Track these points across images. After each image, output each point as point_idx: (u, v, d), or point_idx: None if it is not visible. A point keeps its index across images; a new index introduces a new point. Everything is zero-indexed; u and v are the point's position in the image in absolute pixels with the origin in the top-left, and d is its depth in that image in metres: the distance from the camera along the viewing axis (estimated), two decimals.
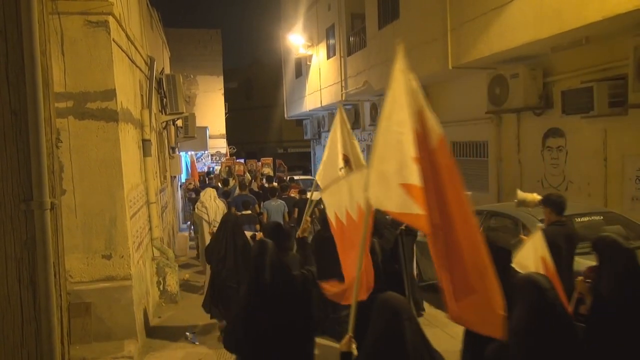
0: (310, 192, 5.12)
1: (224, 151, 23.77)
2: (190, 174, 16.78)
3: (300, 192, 9.92)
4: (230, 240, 5.41)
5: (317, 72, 17.36)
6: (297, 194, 9.98)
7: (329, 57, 16.36)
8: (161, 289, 7.19)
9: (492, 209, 6.62)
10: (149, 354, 5.51)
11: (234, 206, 8.81)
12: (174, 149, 12.61)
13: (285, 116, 22.63)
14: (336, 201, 3.55)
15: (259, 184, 13.30)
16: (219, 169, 19.08)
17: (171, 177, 12.18)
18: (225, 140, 24.28)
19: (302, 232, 4.04)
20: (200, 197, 8.46)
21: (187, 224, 14.04)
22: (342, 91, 15.03)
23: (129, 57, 6.31)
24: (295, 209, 9.10)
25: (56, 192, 2.84)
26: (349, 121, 15.68)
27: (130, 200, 5.64)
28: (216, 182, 14.43)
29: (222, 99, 24.07)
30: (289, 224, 8.60)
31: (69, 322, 3.07)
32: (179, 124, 13.13)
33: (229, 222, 5.56)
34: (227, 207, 8.41)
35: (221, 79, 24.24)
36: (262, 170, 17.20)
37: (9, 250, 2.66)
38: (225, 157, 21.84)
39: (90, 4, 4.99)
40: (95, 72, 5.10)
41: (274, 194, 9.14)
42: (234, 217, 6.24)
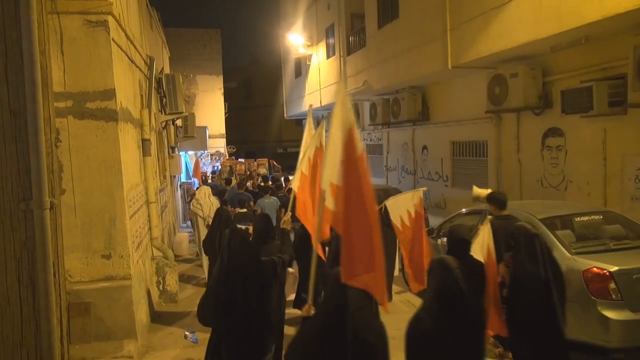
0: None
1: (224, 151, 23.78)
2: (193, 174, 16.89)
3: None
4: (223, 232, 5.51)
5: (316, 71, 17.37)
6: None
7: (328, 57, 16.36)
8: (161, 288, 7.19)
9: None
10: (149, 354, 5.50)
11: (230, 204, 9.05)
12: (173, 149, 12.62)
13: (284, 116, 22.62)
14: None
15: (255, 184, 13.54)
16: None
17: (171, 176, 12.18)
18: (224, 139, 24.29)
19: (283, 224, 4.64)
20: (195, 195, 9.16)
21: (187, 223, 14.12)
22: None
23: (129, 57, 6.31)
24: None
25: (55, 191, 2.84)
26: None
27: (129, 199, 5.64)
28: (218, 181, 14.78)
29: (221, 98, 24.06)
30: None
31: (68, 321, 3.07)
32: (179, 123, 13.13)
33: (222, 216, 6.05)
34: (220, 204, 8.89)
35: (221, 78, 24.23)
36: (258, 170, 17.58)
37: (8, 249, 2.66)
38: (224, 157, 21.98)
39: (89, 4, 4.98)
40: (94, 71, 5.09)
41: (267, 192, 9.56)
42: (226, 211, 6.84)
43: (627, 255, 5.00)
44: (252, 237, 4.54)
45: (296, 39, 18.17)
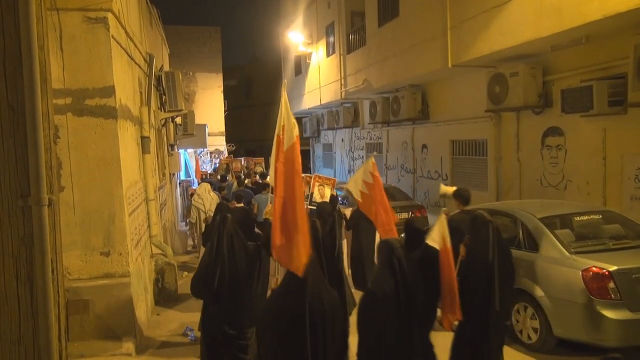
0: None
1: (223, 149, 23.77)
2: (195, 174, 17.05)
3: None
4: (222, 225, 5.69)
5: (316, 70, 17.35)
6: None
7: (328, 55, 16.34)
8: (160, 286, 7.18)
9: (491, 207, 6.61)
10: (148, 352, 5.50)
11: (232, 199, 9.31)
12: (173, 146, 12.60)
13: None
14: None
15: (253, 181, 13.79)
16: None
17: (170, 174, 12.17)
18: (224, 137, 24.26)
19: (265, 215, 5.38)
20: (197, 190, 10.14)
21: (186, 221, 14.14)
22: (341, 89, 15.02)
23: (128, 54, 6.29)
24: None
25: (54, 188, 2.82)
26: (349, 119, 15.76)
27: (128, 197, 5.62)
28: (214, 178, 15.26)
29: (221, 96, 24.02)
30: None
31: (66, 319, 3.06)
32: (178, 121, 13.11)
33: (222, 210, 6.17)
34: (220, 198, 9.69)
35: (220, 76, 24.18)
36: (255, 169, 18.00)
37: (6, 246, 2.64)
38: (222, 156, 22.08)
39: (89, 0, 4.95)
40: (94, 68, 5.07)
41: (264, 188, 9.79)
42: (226, 205, 7.17)
43: (627, 254, 5.01)
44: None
45: (296, 37, 18.14)
